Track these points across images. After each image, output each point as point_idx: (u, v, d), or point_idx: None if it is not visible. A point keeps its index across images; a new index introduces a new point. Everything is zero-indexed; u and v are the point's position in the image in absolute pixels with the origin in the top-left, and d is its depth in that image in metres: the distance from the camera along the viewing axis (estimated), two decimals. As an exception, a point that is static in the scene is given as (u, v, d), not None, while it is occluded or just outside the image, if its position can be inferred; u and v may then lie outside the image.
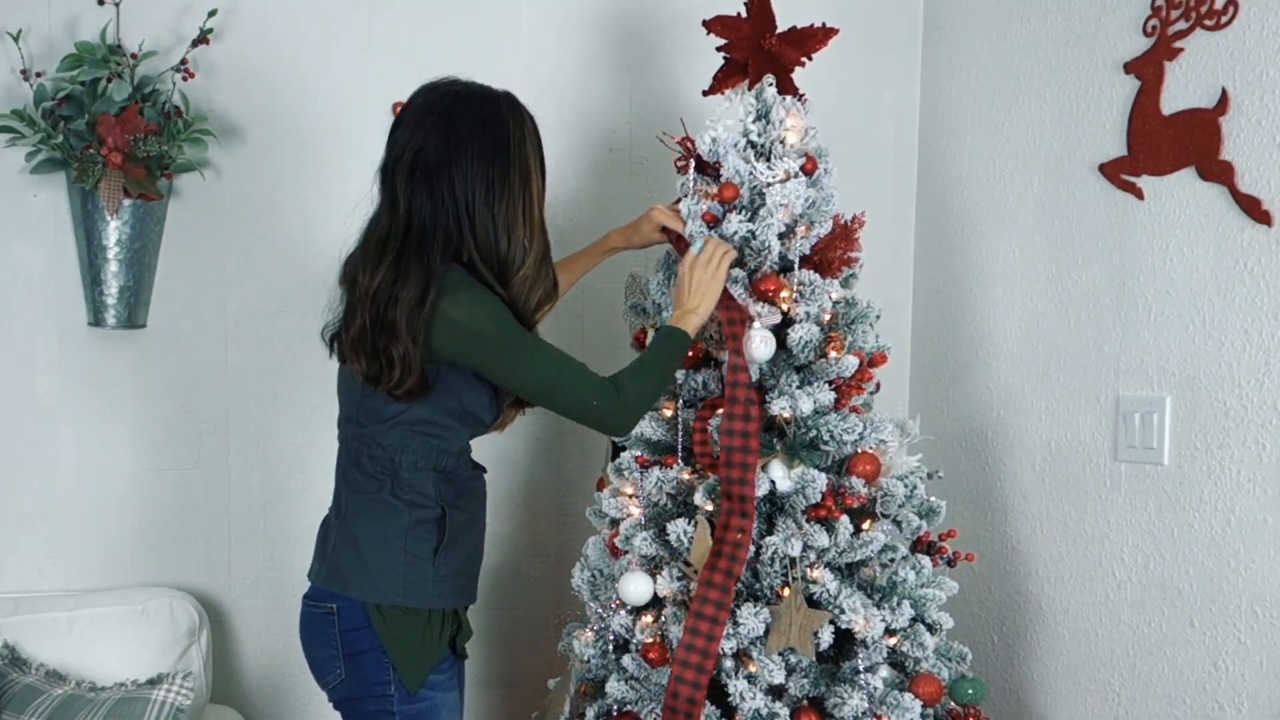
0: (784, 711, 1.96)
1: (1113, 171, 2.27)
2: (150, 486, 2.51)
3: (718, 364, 2.12)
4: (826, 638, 1.99)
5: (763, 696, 1.96)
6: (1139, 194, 2.23)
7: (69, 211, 2.38)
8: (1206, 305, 2.10)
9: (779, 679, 1.97)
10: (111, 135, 2.25)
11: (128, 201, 2.31)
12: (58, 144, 2.28)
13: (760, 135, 2.15)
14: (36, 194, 2.41)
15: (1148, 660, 2.22)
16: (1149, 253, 2.21)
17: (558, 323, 2.43)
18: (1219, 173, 2.06)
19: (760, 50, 2.15)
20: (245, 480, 2.57)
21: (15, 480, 2.44)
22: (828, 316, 2.10)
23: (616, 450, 2.22)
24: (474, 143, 1.83)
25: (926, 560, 2.12)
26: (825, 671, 2.03)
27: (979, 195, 2.65)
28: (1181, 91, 2.14)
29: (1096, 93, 2.32)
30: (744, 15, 2.17)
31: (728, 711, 1.98)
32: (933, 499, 2.15)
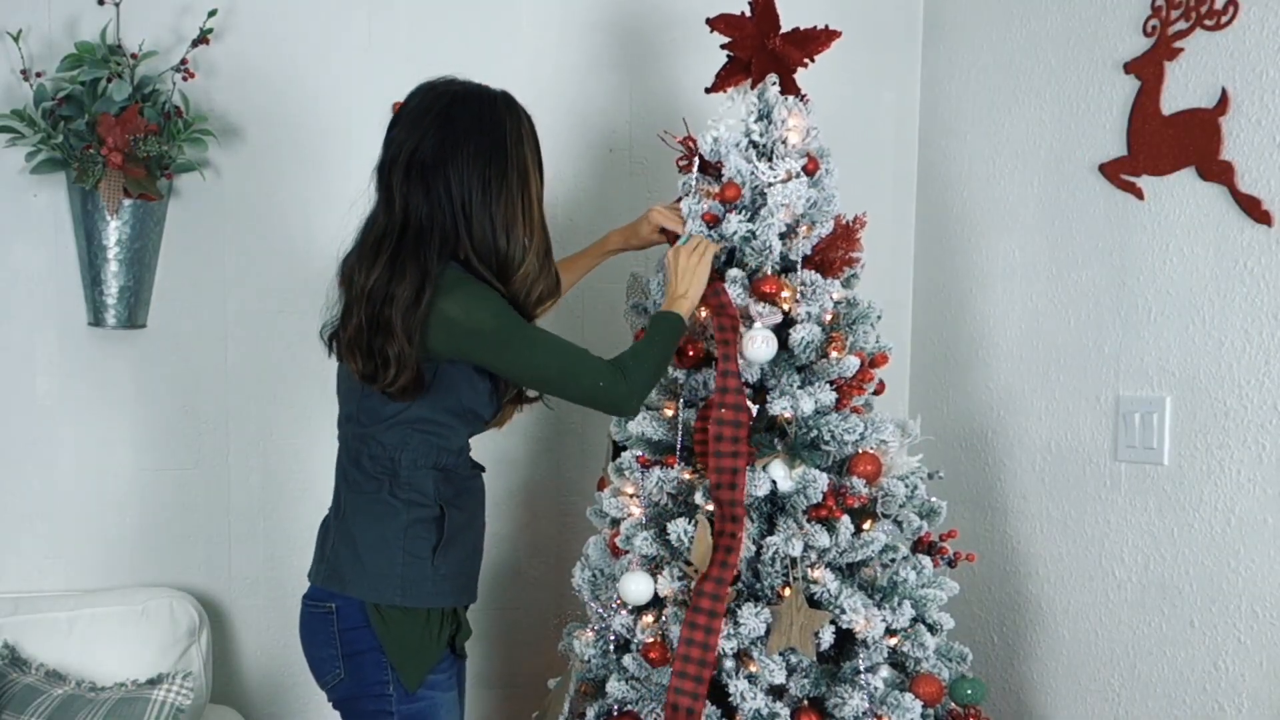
0: (784, 711, 1.96)
1: (1113, 171, 2.28)
2: (150, 486, 2.51)
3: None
4: (827, 638, 1.99)
5: (763, 696, 1.96)
6: (1139, 194, 2.23)
7: (69, 211, 2.38)
8: (1206, 305, 2.10)
9: (780, 679, 1.97)
10: (111, 135, 2.25)
11: (128, 201, 2.31)
12: (58, 144, 2.27)
13: (762, 135, 2.15)
14: (36, 194, 2.41)
15: (1148, 660, 2.22)
16: (1149, 253, 2.21)
17: (558, 323, 2.43)
18: (1219, 173, 2.06)
19: (763, 50, 2.15)
20: (245, 480, 2.57)
21: (15, 480, 2.44)
22: (829, 317, 2.10)
23: (617, 450, 2.22)
24: (471, 142, 1.83)
25: (927, 560, 2.12)
26: (826, 671, 2.04)
27: (979, 195, 2.65)
28: (1181, 91, 2.14)
29: (1096, 93, 2.32)
30: (748, 14, 2.17)
31: (728, 711, 1.98)
32: (933, 499, 2.16)
